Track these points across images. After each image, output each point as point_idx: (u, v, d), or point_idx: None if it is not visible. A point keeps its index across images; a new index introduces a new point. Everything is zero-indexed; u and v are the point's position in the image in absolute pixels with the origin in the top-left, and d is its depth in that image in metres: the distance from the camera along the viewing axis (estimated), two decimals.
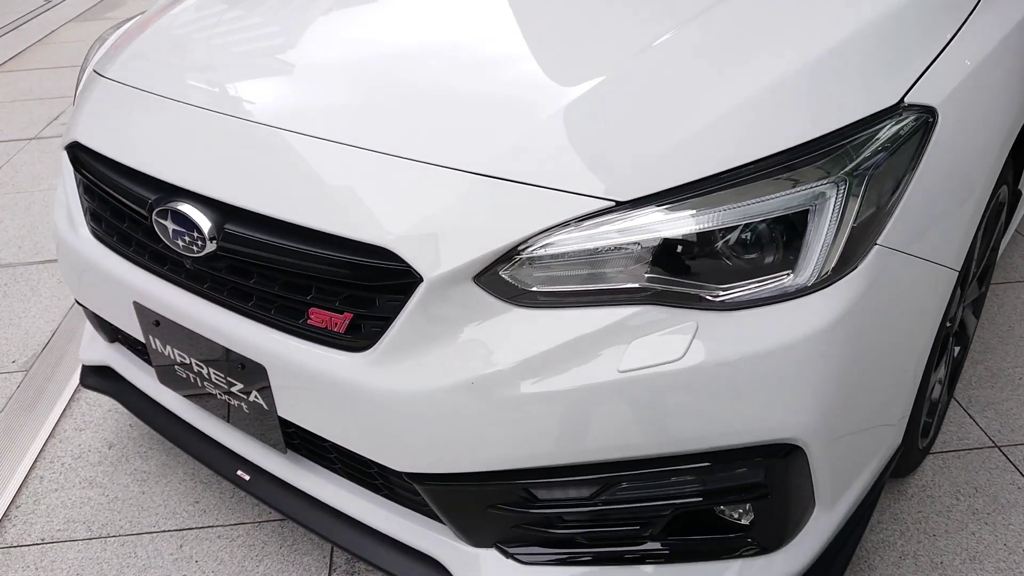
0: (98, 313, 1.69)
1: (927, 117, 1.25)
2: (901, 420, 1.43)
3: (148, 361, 1.75)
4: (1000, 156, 1.46)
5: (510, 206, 1.15)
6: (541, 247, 1.14)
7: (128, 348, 1.83)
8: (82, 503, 1.91)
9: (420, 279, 1.16)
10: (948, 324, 1.61)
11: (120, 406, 2.20)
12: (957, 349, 1.99)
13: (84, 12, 6.70)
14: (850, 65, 1.26)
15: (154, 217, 1.38)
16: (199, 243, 1.34)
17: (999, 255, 2.16)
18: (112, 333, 1.83)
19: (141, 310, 1.52)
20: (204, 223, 1.32)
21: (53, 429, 2.14)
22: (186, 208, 1.34)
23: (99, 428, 2.13)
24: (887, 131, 1.20)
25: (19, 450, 2.07)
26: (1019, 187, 1.98)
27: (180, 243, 1.36)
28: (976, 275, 1.86)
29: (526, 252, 1.14)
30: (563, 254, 1.14)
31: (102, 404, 2.22)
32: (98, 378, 1.90)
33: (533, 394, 1.15)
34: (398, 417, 1.21)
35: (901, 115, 1.23)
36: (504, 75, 1.34)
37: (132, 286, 1.51)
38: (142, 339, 1.57)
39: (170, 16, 1.84)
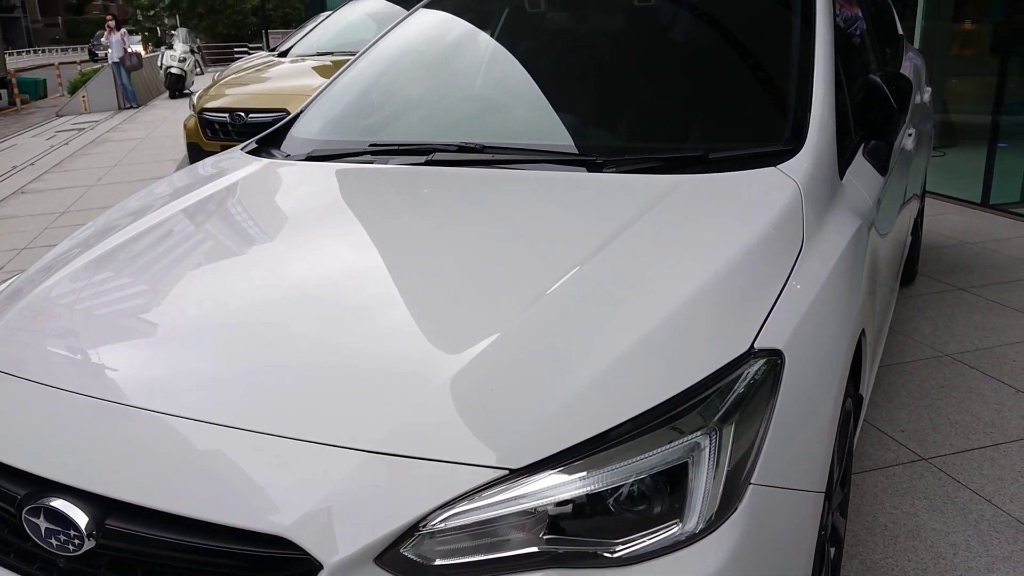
0: None
1: (776, 359, 1.39)
2: None
3: None
4: (842, 379, 1.62)
5: (406, 482, 1.17)
6: (441, 521, 1.16)
7: None
8: None
9: (320, 567, 1.14)
10: (822, 532, 1.70)
11: None
12: (832, 551, 2.08)
13: None
14: (703, 320, 1.40)
15: (24, 515, 1.31)
16: (76, 541, 1.26)
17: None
18: None
19: None
20: (81, 520, 1.26)
21: None
22: (60, 504, 1.28)
23: None
24: (744, 378, 1.33)
25: None
26: (859, 392, 2.18)
27: (54, 542, 1.28)
28: (838, 481, 1.99)
29: (426, 527, 1.15)
30: (464, 526, 1.16)
31: None
32: None
33: None
34: None
35: (752, 361, 1.36)
36: (388, 344, 1.39)
37: None
38: None
39: (40, 290, 1.80)
